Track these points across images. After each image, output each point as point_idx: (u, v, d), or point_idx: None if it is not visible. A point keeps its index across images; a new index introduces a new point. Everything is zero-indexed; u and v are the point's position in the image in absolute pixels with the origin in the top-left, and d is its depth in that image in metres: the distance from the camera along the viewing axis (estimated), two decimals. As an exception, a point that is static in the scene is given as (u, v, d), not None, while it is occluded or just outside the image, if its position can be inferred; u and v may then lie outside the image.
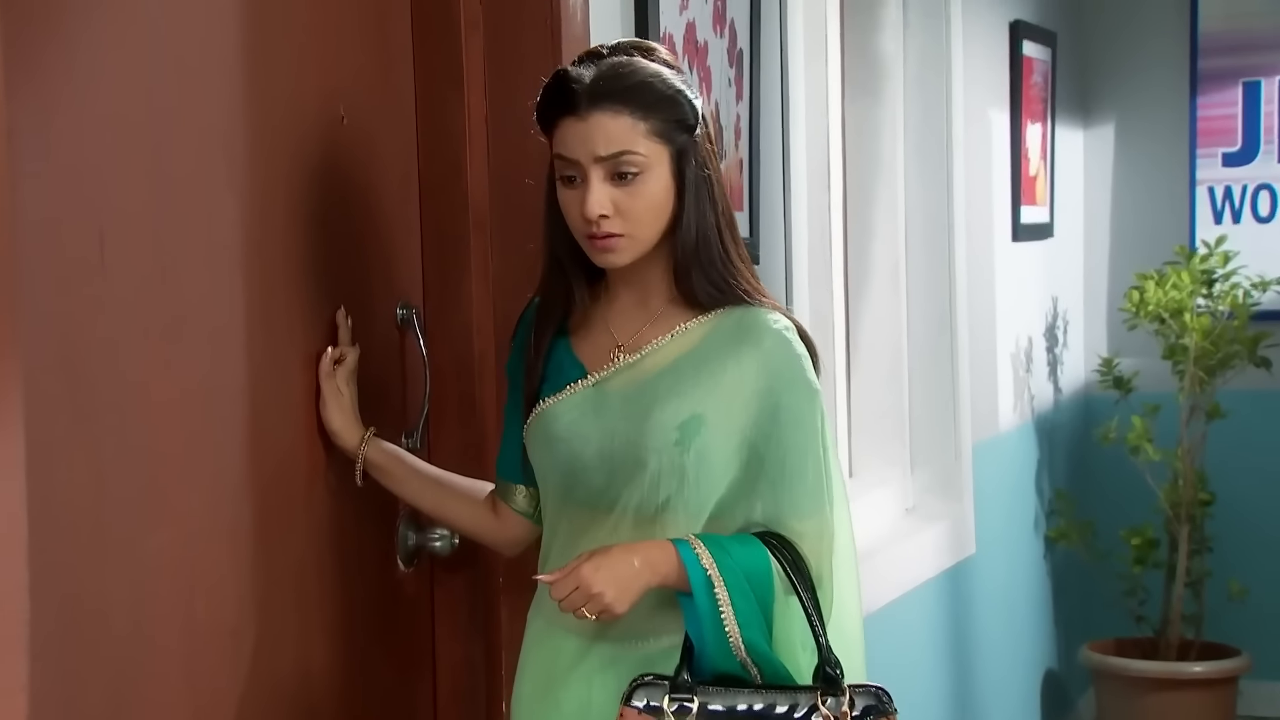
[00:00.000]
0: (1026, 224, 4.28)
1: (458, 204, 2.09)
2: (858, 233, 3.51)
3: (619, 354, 1.69)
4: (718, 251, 1.66)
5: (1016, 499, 4.24)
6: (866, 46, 3.50)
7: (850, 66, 3.47)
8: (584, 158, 1.61)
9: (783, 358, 1.65)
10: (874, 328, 3.50)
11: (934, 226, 3.60)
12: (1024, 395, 4.30)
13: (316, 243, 1.84)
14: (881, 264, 3.51)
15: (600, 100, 1.60)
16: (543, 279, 1.73)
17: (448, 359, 2.09)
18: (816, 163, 2.91)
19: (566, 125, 1.62)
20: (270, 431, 1.76)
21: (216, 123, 1.67)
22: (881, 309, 3.50)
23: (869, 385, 3.50)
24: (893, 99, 3.53)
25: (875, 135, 3.51)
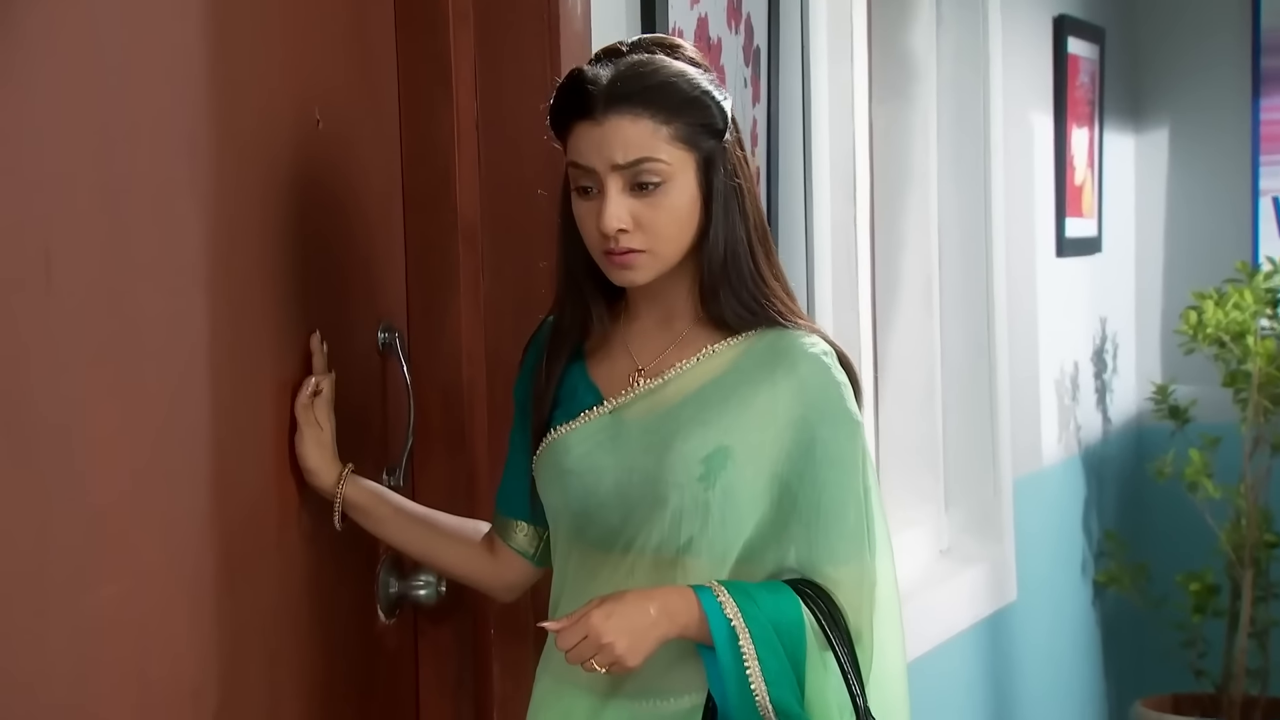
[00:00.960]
0: (1072, 238, 4.28)
1: (445, 217, 2.09)
2: (887, 247, 3.51)
3: (639, 379, 1.69)
4: (748, 268, 1.66)
5: (1062, 540, 4.23)
6: (896, 44, 3.51)
7: (878, 66, 3.47)
8: (600, 166, 1.60)
9: (820, 385, 1.64)
10: (905, 352, 3.51)
11: (970, 241, 3.60)
12: (1070, 426, 4.29)
13: (289, 260, 1.84)
14: (913, 282, 3.52)
15: (618, 102, 1.59)
16: (557, 298, 1.73)
17: (434, 387, 2.09)
18: (841, 171, 2.91)
19: (581, 130, 1.62)
20: (237, 470, 1.75)
21: (177, 128, 1.66)
22: (913, 331, 3.51)
23: (899, 415, 3.50)
24: (925, 101, 3.54)
25: (906, 141, 3.52)
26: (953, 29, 3.61)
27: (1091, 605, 4.39)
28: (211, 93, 1.72)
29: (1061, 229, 4.20)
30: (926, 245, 3.53)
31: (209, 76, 1.72)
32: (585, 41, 2.10)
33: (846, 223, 2.91)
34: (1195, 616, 4.34)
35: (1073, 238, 4.28)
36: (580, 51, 2.08)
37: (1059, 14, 4.17)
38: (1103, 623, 4.45)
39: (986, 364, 3.59)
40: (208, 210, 1.70)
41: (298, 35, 1.88)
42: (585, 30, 2.11)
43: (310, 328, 1.86)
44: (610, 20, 2.19)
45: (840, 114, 2.91)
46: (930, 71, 3.56)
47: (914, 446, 3.50)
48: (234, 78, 1.75)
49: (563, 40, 2.06)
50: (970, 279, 3.59)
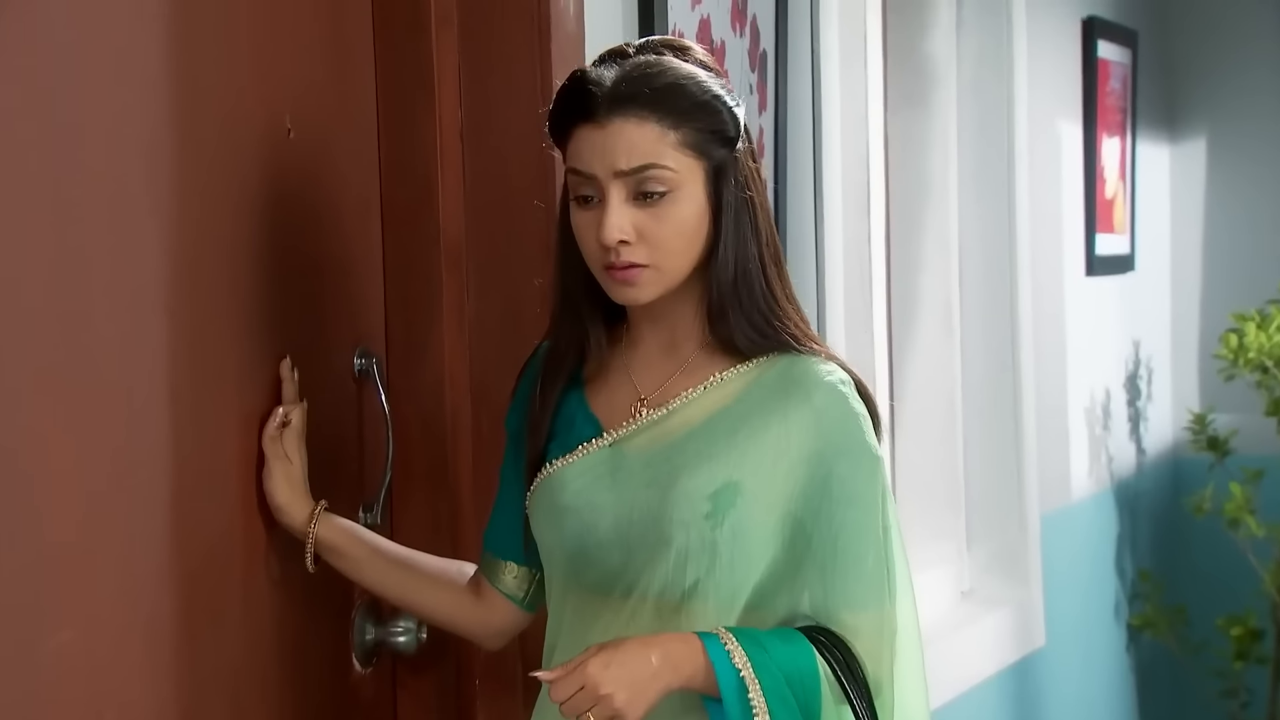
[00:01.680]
0: (1103, 255, 4.28)
1: (427, 233, 2.09)
2: (903, 266, 3.51)
3: (641, 409, 1.69)
4: (760, 287, 1.66)
5: (1093, 581, 4.22)
6: (913, 48, 3.51)
7: (894, 71, 3.47)
8: (602, 172, 1.60)
9: (837, 417, 1.63)
10: (923, 378, 3.50)
11: (993, 259, 3.60)
12: (1101, 458, 4.29)
13: (257, 280, 1.83)
14: (931, 303, 3.51)
15: (623, 104, 1.59)
16: (553, 319, 1.73)
17: (415, 418, 2.08)
18: (854, 184, 2.91)
19: (583, 134, 1.62)
20: (200, 507, 1.73)
21: (134, 137, 1.65)
22: (931, 356, 3.50)
23: (917, 446, 3.49)
24: (944, 109, 3.54)
25: (924, 152, 3.52)
26: (974, 31, 3.61)
27: (1125, 651, 4.38)
28: (172, 98, 1.71)
29: (1091, 246, 4.20)
30: (946, 264, 3.53)
31: (169, 80, 1.70)
32: (579, 44, 2.10)
33: (860, 240, 2.91)
34: (1237, 663, 4.33)
35: (1103, 255, 4.28)
36: (574, 55, 2.08)
37: (1088, 15, 4.18)
38: (1137, 670, 4.43)
39: (1011, 391, 3.59)
40: (168, 226, 1.69)
41: (267, 37, 1.87)
42: (579, 32, 2.11)
43: (280, 353, 1.85)
44: (606, 22, 2.19)
45: (853, 123, 2.91)
46: (950, 77, 3.56)
47: (933, 480, 3.50)
48: (197, 82, 1.74)
49: (554, 43, 2.06)
50: (993, 300, 3.60)
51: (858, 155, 2.93)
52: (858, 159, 2.93)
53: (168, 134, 1.70)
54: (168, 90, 1.70)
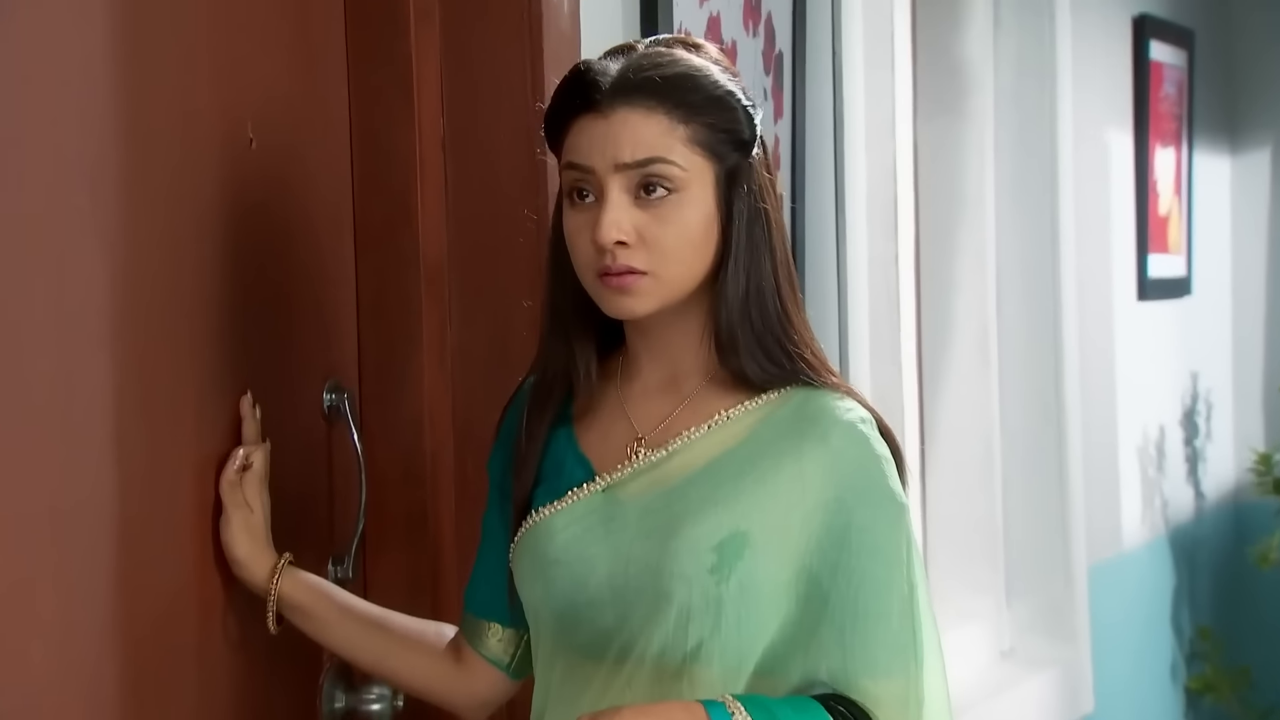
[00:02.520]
0: (1156, 278, 4.28)
1: (405, 255, 2.09)
2: (935, 290, 3.52)
3: (638, 449, 1.68)
4: (774, 310, 1.65)
5: (1147, 639, 4.22)
6: (946, 49, 3.52)
7: (925, 75, 3.48)
8: (601, 165, 1.60)
9: (857, 459, 1.63)
10: (956, 415, 3.50)
11: (1035, 282, 3.61)
12: (1155, 502, 4.28)
13: (214, 306, 1.82)
14: (966, 331, 3.52)
15: (629, 93, 1.60)
16: (540, 347, 1.73)
17: (391, 460, 2.08)
18: (880, 200, 2.91)
19: (582, 124, 1.62)
20: (148, 561, 1.72)
21: (76, 147, 1.64)
22: (966, 390, 3.50)
23: (950, 491, 3.49)
24: (980, 116, 3.55)
25: (957, 164, 3.52)
26: (1013, 31, 3.62)
27: (1182, 717, 4.36)
28: (119, 104, 1.70)
29: (1144, 268, 4.21)
30: (982, 288, 3.53)
31: (115, 84, 1.70)
32: (574, 43, 2.11)
33: (886, 261, 2.91)
34: (1307, 731, 4.32)
35: (1157, 278, 4.29)
36: (568, 55, 2.08)
37: (1139, 13, 4.19)
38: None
39: (1055, 429, 3.59)
40: (113, 247, 1.68)
41: (226, 36, 1.87)
42: (574, 31, 2.11)
43: (240, 388, 1.84)
44: (604, 18, 2.20)
45: (879, 132, 2.92)
46: (986, 81, 3.57)
47: (968, 529, 3.49)
48: (147, 86, 1.74)
49: (547, 42, 2.06)
50: (1035, 328, 3.60)
51: (884, 168, 2.93)
52: (884, 172, 2.93)
53: (114, 144, 1.69)
54: (114, 95, 1.69)
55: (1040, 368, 3.58)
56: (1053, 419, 3.57)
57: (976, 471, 3.48)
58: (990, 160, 3.55)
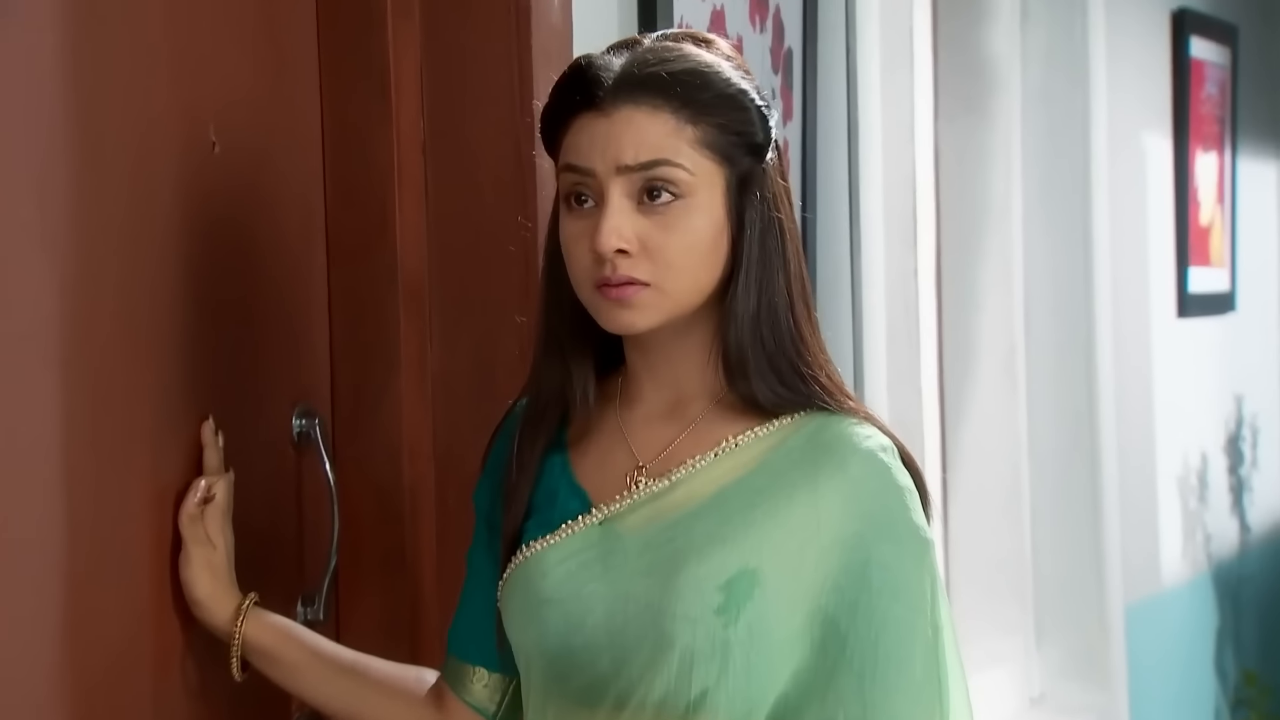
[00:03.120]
0: (1197, 294, 4.28)
1: (382, 269, 2.08)
2: (957, 307, 3.52)
3: (639, 479, 1.68)
4: (787, 329, 1.65)
5: (1188, 684, 4.21)
6: (969, 45, 3.52)
7: (946, 73, 3.49)
8: (602, 167, 1.60)
9: (878, 491, 1.62)
10: (981, 441, 3.51)
11: (1066, 297, 3.61)
12: (1197, 536, 4.28)
13: (173, 325, 1.81)
14: (991, 351, 3.52)
15: (633, 89, 1.60)
16: (533, 367, 1.72)
17: (366, 491, 2.08)
18: (898, 209, 2.91)
19: (582, 123, 1.61)
20: (99, 605, 1.71)
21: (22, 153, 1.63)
22: (992, 415, 3.50)
23: (975, 524, 3.50)
24: (1006, 119, 3.55)
25: (982, 170, 3.53)
26: (1042, 25, 3.62)
27: (1227, 769, 4.36)
28: (69, 106, 1.69)
29: (1184, 282, 4.21)
30: (1009, 304, 3.53)
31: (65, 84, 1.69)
32: (565, 38, 2.10)
33: (905, 275, 2.91)
34: (1362, 784, 4.32)
35: (1198, 293, 4.29)
36: (559, 52, 2.07)
37: (1179, 7, 4.19)
38: (1242, 792, 4.42)
39: (1088, 456, 3.59)
40: (63, 261, 1.68)
41: (187, 31, 1.86)
42: (565, 24, 2.11)
43: (201, 414, 1.83)
44: (598, 12, 2.20)
45: (897, 135, 2.92)
46: (1013, 80, 3.57)
47: (994, 565, 3.49)
48: (100, 86, 1.73)
49: (535, 36, 2.05)
50: (1066, 347, 3.59)
51: (902, 174, 2.93)
52: (902, 179, 2.93)
53: (63, 148, 1.68)
54: (62, 94, 1.69)
55: (1072, 390, 3.58)
56: (1085, 446, 3.57)
57: (1003, 503, 3.48)
58: (1017, 166, 3.55)
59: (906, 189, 2.94)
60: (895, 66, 2.92)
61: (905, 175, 2.94)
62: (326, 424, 2.05)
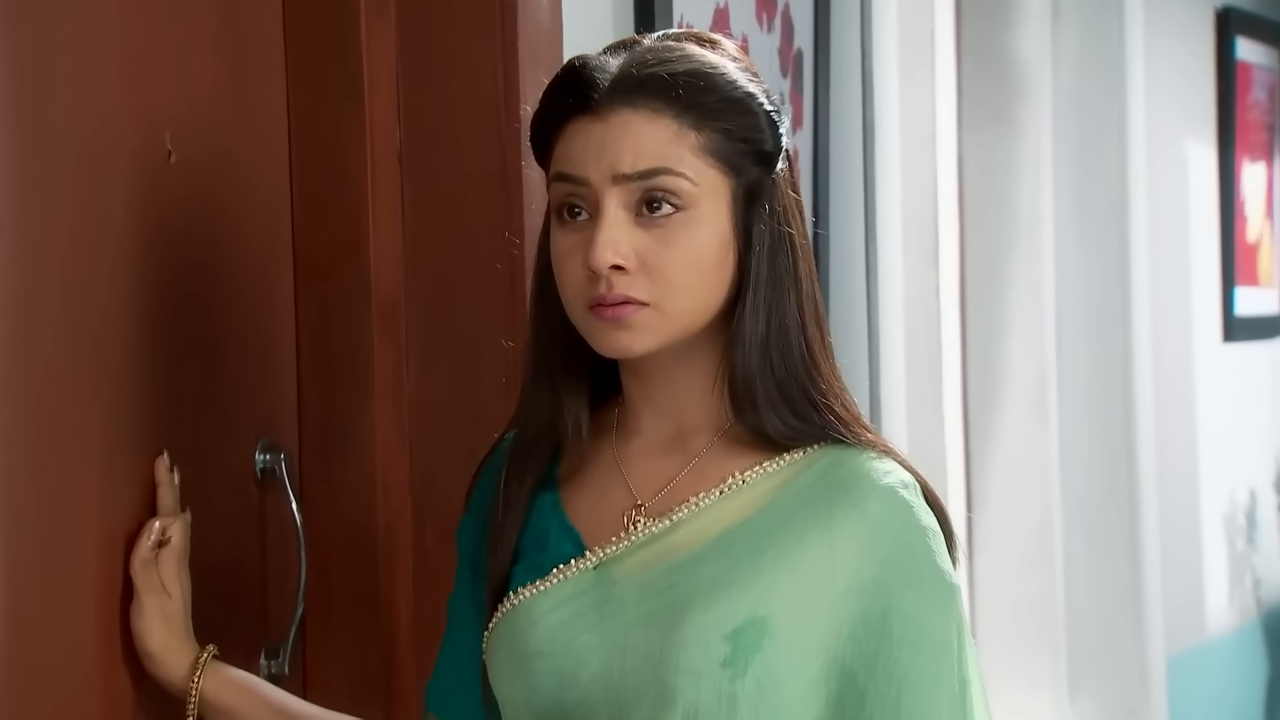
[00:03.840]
0: (1244, 316, 4.29)
1: (354, 288, 2.08)
2: (982, 330, 3.53)
3: (637, 519, 1.67)
4: (799, 355, 1.64)
5: (1236, 742, 4.20)
6: (995, 47, 3.53)
7: (970, 77, 3.50)
8: (597, 175, 1.59)
9: (898, 532, 1.62)
10: (1009, 477, 3.51)
11: (1101, 320, 3.62)
12: (1245, 580, 4.28)
13: (125, 350, 1.81)
14: (1020, 378, 3.52)
15: (632, 92, 1.59)
16: (521, 396, 1.71)
17: (336, 532, 2.08)
18: (918, 224, 2.92)
19: (576, 129, 1.61)
20: (42, 659, 1.70)
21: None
22: (1021, 448, 3.51)
23: (1003, 566, 3.50)
24: (1035, 127, 3.55)
25: (1009, 182, 3.53)
26: (1075, 26, 3.63)
27: (1278, 834, 4.35)
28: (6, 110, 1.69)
29: (1230, 304, 4.22)
30: (1039, 327, 3.54)
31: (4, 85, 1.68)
32: (554, 38, 2.10)
33: (925, 295, 2.92)
34: None
35: (1246, 316, 4.29)
36: (549, 53, 2.07)
37: (1223, 5, 4.19)
38: None
39: (1125, 493, 3.60)
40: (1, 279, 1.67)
41: (141, 29, 1.85)
42: (554, 23, 2.11)
43: (155, 448, 1.83)
44: (591, 10, 2.20)
45: (917, 145, 2.93)
46: (1043, 85, 3.57)
47: (1024, 612, 3.50)
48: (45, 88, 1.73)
49: (522, 37, 2.05)
50: (1101, 374, 3.60)
51: (922, 186, 2.93)
52: (923, 191, 2.94)
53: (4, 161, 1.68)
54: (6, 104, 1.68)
55: (1108, 422, 3.59)
56: (1123, 482, 3.58)
57: (1033, 544, 3.49)
58: (1047, 177, 3.56)
59: (927, 202, 2.94)
60: (915, 70, 2.93)
61: (926, 188, 2.95)
62: (293, 458, 2.05)
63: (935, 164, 2.97)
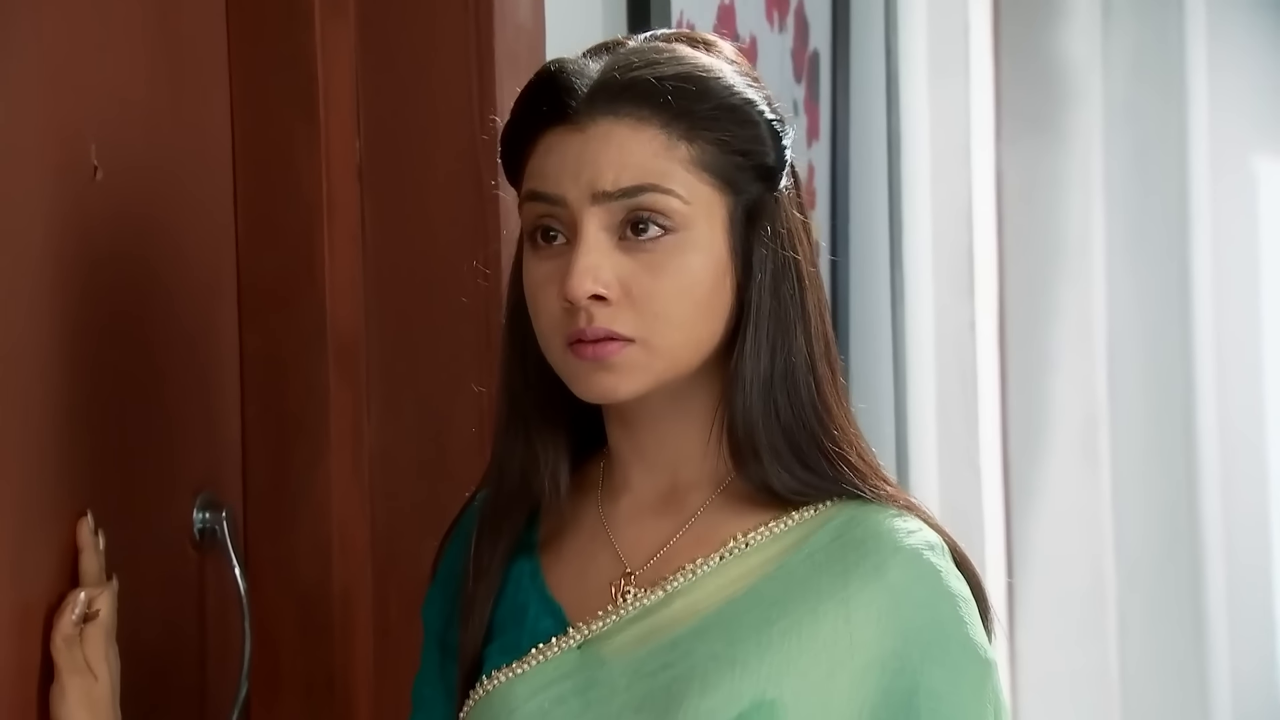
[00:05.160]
0: (1325, 350, 4.26)
1: (307, 324, 2.09)
2: (1024, 368, 3.53)
3: (627, 589, 1.67)
4: (808, 398, 1.64)
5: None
6: (1038, 48, 3.55)
7: (1010, 82, 3.51)
8: (575, 193, 1.59)
9: (925, 600, 1.61)
10: (1055, 537, 3.51)
11: (1159, 357, 3.64)
12: (1324, 653, 4.24)
13: (42, 394, 1.80)
14: (1067, 423, 3.52)
15: (614, 98, 1.59)
16: (494, 448, 1.72)
17: (285, 602, 2.08)
18: (951, 248, 2.93)
19: (551, 141, 1.61)
20: None
21: None
22: (1067, 503, 3.51)
23: (1049, 638, 3.50)
24: (1084, 138, 3.57)
25: (1054, 201, 3.54)
26: (1128, 25, 3.66)
27: None
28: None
29: (1305, 338, 4.19)
30: (1089, 365, 3.54)
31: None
32: (536, 41, 2.11)
33: (959, 329, 2.94)
34: None
35: (1326, 349, 4.27)
36: (529, 57, 2.08)
37: (1295, 1, 4.18)
38: None
39: (1188, 556, 3.61)
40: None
41: (62, 31, 1.85)
42: (535, 22, 2.12)
43: (77, 508, 1.82)
44: (578, 7, 2.21)
45: (949, 159, 2.94)
46: (1093, 90, 3.59)
47: (1073, 690, 3.49)
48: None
49: (499, 37, 2.06)
50: (1160, 418, 3.62)
51: (956, 206, 2.95)
52: (956, 211, 2.95)
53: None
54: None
55: (1168, 473, 3.61)
56: (1185, 542, 3.60)
57: (1083, 614, 3.49)
58: (1098, 196, 3.57)
59: (961, 224, 2.96)
60: (947, 73, 2.95)
61: (959, 207, 2.96)
62: (236, 517, 2.05)
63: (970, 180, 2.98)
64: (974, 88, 3.01)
